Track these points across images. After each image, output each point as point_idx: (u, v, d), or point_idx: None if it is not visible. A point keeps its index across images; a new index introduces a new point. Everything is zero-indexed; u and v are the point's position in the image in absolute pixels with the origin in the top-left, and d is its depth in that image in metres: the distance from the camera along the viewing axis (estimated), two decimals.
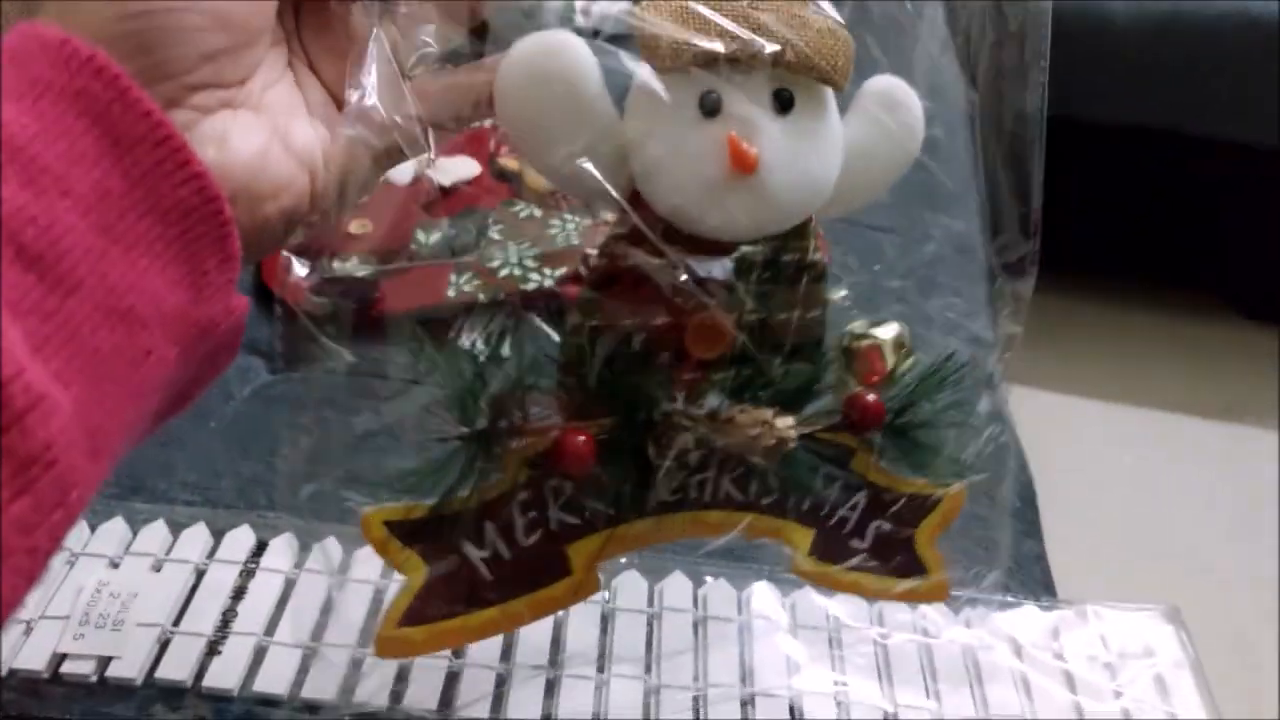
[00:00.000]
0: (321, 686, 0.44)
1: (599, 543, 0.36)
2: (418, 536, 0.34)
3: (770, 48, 0.33)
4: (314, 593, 0.47)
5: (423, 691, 0.43)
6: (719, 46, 0.32)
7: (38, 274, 0.25)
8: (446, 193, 0.65)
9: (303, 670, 0.45)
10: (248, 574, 0.48)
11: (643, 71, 0.33)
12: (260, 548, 0.49)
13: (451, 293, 0.59)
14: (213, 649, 0.45)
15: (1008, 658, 0.49)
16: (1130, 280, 1.64)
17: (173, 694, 0.44)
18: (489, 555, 0.35)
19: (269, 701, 0.43)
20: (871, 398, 0.38)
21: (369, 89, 0.33)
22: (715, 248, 0.34)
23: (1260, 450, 1.42)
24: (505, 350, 0.34)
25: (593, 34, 0.34)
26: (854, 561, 0.41)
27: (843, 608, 0.50)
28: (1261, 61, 1.37)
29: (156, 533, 0.49)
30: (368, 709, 0.43)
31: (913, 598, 0.43)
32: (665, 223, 0.33)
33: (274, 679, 0.44)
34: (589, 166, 0.33)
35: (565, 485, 0.35)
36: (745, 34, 0.33)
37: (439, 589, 0.35)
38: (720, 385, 0.35)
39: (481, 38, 0.36)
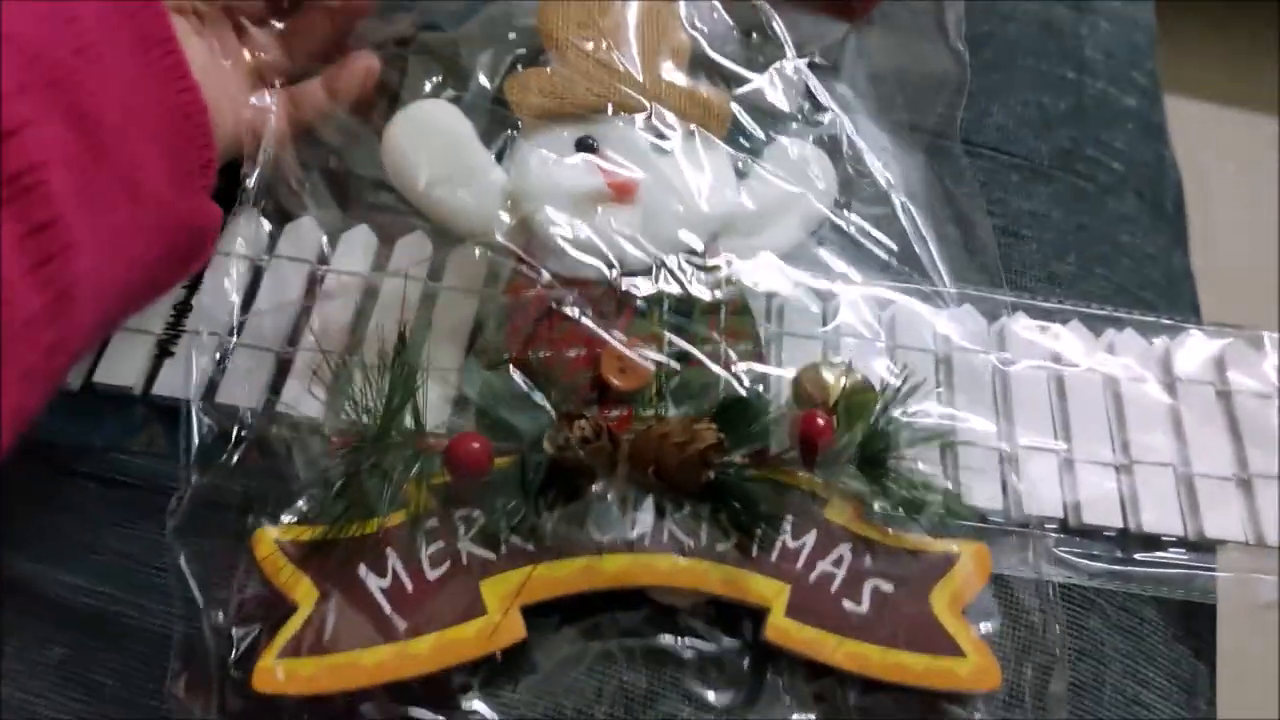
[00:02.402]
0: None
1: (518, 580, 0.32)
2: (311, 560, 0.32)
3: (638, 98, 0.38)
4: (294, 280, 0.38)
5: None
6: (587, 98, 0.38)
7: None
8: None
9: (279, 376, 0.36)
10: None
11: (522, 124, 0.39)
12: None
13: None
14: (164, 350, 0.37)
15: (1158, 392, 0.39)
16: None
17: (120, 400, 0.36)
18: (389, 585, 0.32)
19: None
20: (821, 420, 0.34)
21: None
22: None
23: None
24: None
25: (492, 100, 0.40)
26: (856, 628, 0.32)
27: (953, 326, 0.40)
28: None
29: None
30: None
31: (951, 683, 0.32)
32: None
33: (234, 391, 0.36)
34: (466, 197, 0.37)
35: (475, 514, 0.33)
36: (615, 87, 0.38)
37: (330, 619, 0.31)
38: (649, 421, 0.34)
39: (367, 115, 0.41)
